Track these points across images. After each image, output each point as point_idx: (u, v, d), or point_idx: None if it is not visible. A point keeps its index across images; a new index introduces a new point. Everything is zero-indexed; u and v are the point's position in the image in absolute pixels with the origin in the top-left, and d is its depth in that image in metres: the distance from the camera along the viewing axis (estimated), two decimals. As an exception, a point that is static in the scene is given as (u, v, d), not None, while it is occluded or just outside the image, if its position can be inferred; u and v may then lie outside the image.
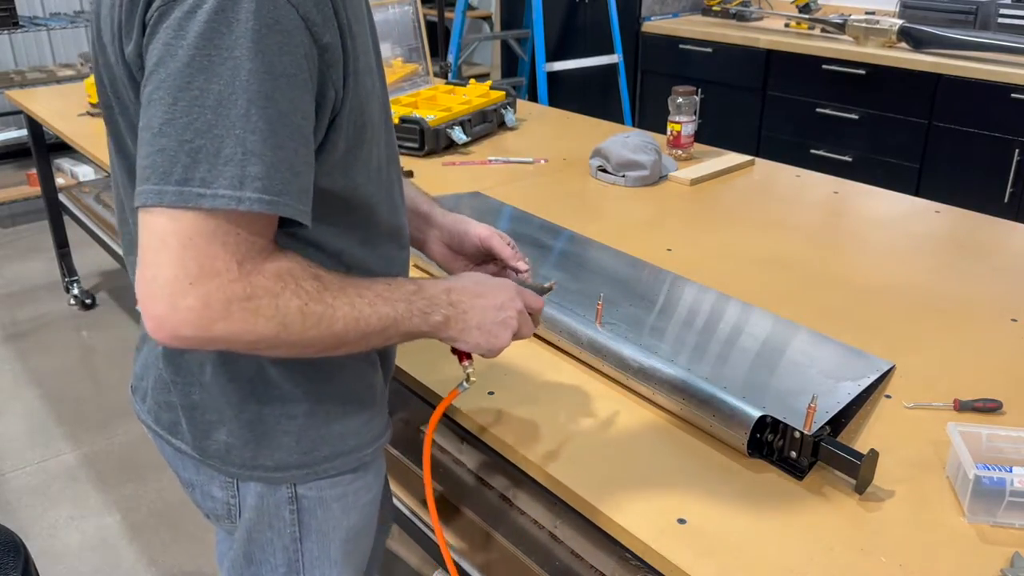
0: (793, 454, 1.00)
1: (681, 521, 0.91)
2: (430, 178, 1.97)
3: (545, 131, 2.43)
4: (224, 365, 0.92)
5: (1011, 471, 0.92)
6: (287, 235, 0.83)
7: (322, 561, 1.03)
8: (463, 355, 0.98)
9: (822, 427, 0.99)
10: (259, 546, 1.00)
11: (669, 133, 2.14)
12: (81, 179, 3.35)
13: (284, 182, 0.73)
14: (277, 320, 0.76)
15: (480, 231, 1.10)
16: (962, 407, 1.11)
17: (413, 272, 1.11)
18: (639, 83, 4.26)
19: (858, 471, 0.94)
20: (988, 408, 1.10)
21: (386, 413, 1.05)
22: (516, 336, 0.96)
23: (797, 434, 0.98)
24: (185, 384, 0.95)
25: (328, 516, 1.00)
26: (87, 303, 3.40)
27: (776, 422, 1.01)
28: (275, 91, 0.72)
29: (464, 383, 0.99)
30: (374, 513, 1.08)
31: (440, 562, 1.39)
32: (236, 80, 0.71)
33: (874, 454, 0.94)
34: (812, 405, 0.97)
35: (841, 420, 1.07)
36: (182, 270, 0.71)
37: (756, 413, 1.00)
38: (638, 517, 0.91)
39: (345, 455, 0.98)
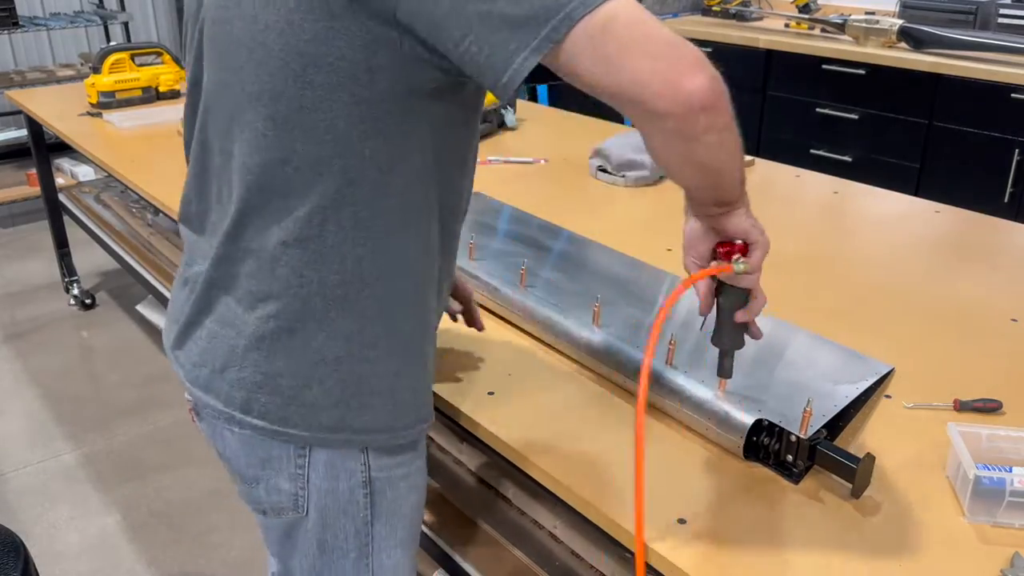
0: (789, 458, 1.00)
1: (681, 521, 0.91)
2: (430, 178, 1.97)
3: (545, 131, 2.43)
4: (324, 323, 0.93)
5: (1011, 471, 0.92)
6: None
7: (389, 542, 1.05)
8: (734, 248, 0.98)
9: (818, 431, 0.99)
10: (333, 533, 1.02)
11: (669, 133, 2.13)
12: (81, 179, 3.35)
13: None
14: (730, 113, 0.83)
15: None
16: (962, 407, 1.11)
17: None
18: (639, 83, 4.26)
19: (854, 475, 0.94)
20: (988, 408, 1.10)
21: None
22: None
23: (793, 438, 0.98)
24: (271, 352, 0.94)
25: (396, 495, 1.03)
26: (87, 303, 3.40)
27: (772, 426, 1.01)
28: None
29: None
30: (424, 496, 1.11)
31: (441, 563, 1.39)
32: None
33: (870, 458, 0.94)
34: (808, 409, 0.97)
35: (839, 423, 1.07)
36: (686, 49, 0.76)
37: (752, 417, 1.00)
38: (637, 518, 0.91)
39: (419, 424, 1.03)
